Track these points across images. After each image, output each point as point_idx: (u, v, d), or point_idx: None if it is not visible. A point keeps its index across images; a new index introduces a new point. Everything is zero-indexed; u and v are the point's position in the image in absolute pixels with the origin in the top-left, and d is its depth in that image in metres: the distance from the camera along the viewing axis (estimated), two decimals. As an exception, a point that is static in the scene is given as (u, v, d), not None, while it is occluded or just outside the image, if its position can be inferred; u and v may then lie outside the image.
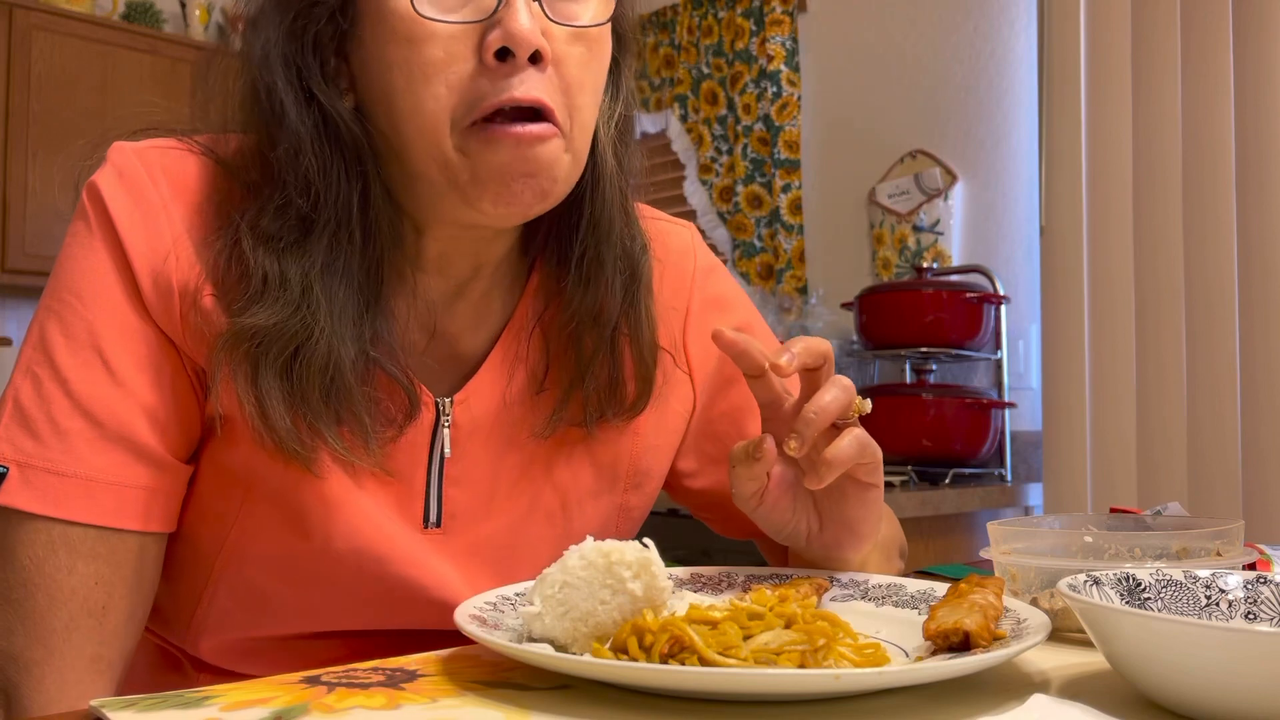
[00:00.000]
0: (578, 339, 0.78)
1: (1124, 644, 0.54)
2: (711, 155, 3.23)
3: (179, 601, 0.79)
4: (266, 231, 0.69)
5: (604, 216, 0.77)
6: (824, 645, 0.56)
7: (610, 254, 0.78)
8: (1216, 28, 2.20)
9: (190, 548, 0.77)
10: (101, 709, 0.54)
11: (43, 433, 0.68)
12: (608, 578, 0.60)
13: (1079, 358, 2.31)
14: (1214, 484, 2.16)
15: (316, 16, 0.69)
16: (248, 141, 0.72)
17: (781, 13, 3.05)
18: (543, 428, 0.79)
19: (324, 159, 0.69)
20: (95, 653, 0.69)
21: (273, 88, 0.69)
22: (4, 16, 3.24)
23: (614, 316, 0.78)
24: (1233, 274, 2.16)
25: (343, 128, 0.70)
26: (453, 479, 0.78)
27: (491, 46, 0.66)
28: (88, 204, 0.72)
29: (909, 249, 2.76)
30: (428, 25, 0.67)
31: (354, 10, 0.70)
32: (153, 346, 0.71)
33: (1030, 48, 2.58)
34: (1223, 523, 0.74)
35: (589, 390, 0.79)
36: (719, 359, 0.88)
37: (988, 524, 0.79)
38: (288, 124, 0.69)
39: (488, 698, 0.55)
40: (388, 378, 0.73)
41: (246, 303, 0.69)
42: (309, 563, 0.75)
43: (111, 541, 0.69)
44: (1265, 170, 2.15)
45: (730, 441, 0.85)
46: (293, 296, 0.68)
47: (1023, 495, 2.53)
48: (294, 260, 0.69)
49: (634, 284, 0.79)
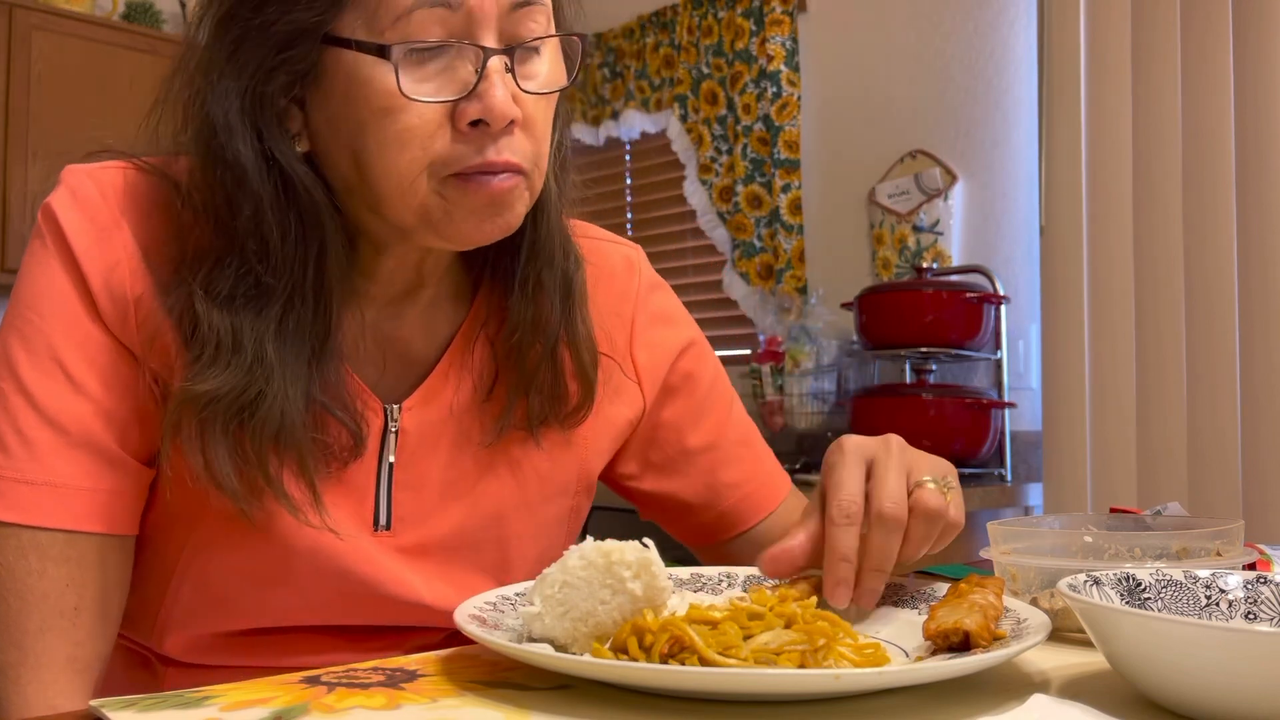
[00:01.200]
0: (521, 351, 0.81)
1: (1124, 644, 0.54)
2: (711, 155, 3.23)
3: (144, 601, 0.81)
4: (221, 293, 0.71)
5: (546, 239, 0.81)
6: (824, 645, 0.56)
7: (550, 274, 0.81)
8: (1216, 28, 2.20)
9: (153, 549, 0.79)
10: (101, 709, 0.54)
11: (9, 444, 0.71)
12: (608, 578, 0.60)
13: (1079, 358, 2.31)
14: (1214, 484, 2.16)
15: (277, 77, 0.70)
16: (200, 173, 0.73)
17: (781, 13, 3.05)
18: (489, 434, 0.82)
19: (284, 225, 0.71)
20: (70, 654, 0.71)
21: (228, 148, 0.70)
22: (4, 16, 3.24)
23: (555, 330, 0.81)
24: (1232, 274, 2.16)
25: (300, 190, 0.71)
26: (401, 483, 0.80)
27: (468, 117, 0.69)
28: (43, 225, 0.75)
29: (909, 249, 2.76)
30: (406, 99, 0.68)
31: (318, 67, 0.70)
32: (111, 355, 0.73)
33: (1030, 48, 2.58)
34: (1223, 523, 0.74)
35: (533, 398, 0.82)
36: (666, 368, 0.92)
37: (988, 524, 0.79)
38: (248, 188, 0.70)
39: (488, 698, 0.55)
40: (334, 419, 0.75)
41: (201, 364, 0.70)
42: (268, 562, 0.77)
43: (80, 545, 0.72)
44: (1265, 170, 2.15)
45: (671, 450, 0.92)
46: (244, 360, 0.70)
47: (1023, 495, 2.53)
48: (248, 323, 0.71)
49: (569, 298, 0.82)
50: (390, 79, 0.68)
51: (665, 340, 0.92)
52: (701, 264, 3.34)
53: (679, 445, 0.92)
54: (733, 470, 0.94)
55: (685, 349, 0.93)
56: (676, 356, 0.92)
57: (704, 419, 0.93)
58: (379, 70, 0.68)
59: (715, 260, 3.28)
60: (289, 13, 0.68)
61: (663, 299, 0.95)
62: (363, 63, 0.68)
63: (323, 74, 0.70)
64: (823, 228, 3.02)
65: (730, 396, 0.97)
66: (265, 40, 0.69)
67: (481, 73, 0.69)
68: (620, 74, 3.52)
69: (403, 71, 0.68)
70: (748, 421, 0.98)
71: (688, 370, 0.93)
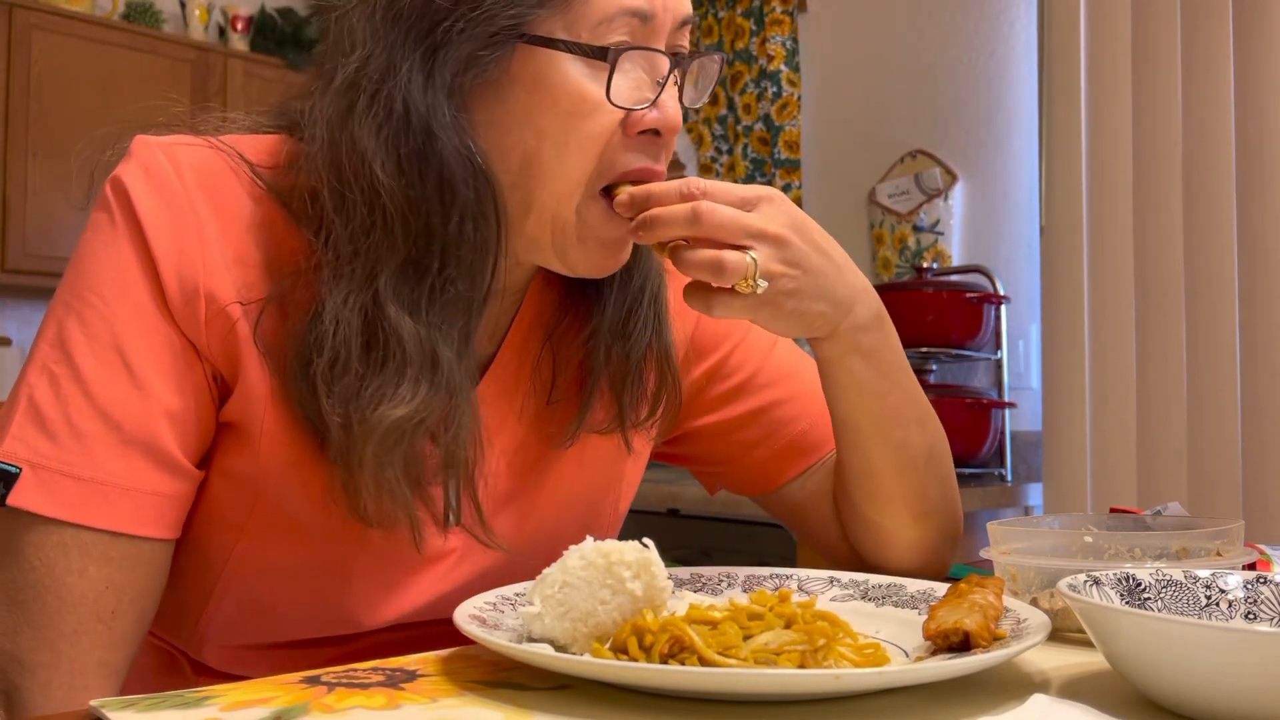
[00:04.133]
0: (603, 355, 0.80)
1: (1124, 644, 0.54)
2: (711, 155, 3.23)
3: (184, 607, 0.79)
4: (415, 304, 0.68)
5: (647, 253, 0.81)
6: (824, 645, 0.56)
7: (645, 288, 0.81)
8: (1216, 28, 2.20)
9: (199, 554, 0.76)
10: (101, 709, 0.54)
11: (59, 434, 0.66)
12: (608, 578, 0.60)
13: (1079, 358, 2.31)
14: (1214, 484, 2.16)
15: (474, 74, 0.69)
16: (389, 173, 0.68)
17: (781, 13, 3.05)
18: (558, 439, 0.81)
19: (484, 231, 0.70)
20: (103, 658, 0.68)
21: (444, 147, 0.68)
22: (4, 16, 3.24)
23: (645, 338, 0.81)
24: (1233, 273, 2.16)
25: (491, 195, 0.70)
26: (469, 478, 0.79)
27: (644, 125, 0.70)
28: (112, 199, 0.70)
29: (909, 249, 2.76)
30: (597, 103, 0.68)
31: (500, 68, 0.69)
32: (175, 350, 0.69)
33: (1030, 48, 2.58)
34: (1223, 523, 0.74)
35: (625, 402, 0.82)
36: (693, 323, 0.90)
37: (988, 524, 0.79)
38: (456, 191, 0.68)
39: (488, 698, 0.55)
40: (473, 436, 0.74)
41: (393, 385, 0.67)
42: (316, 571, 0.75)
43: (124, 547, 0.68)
44: (1265, 170, 2.15)
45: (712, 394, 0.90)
46: (443, 379, 0.68)
47: (1023, 495, 2.53)
48: (440, 337, 0.69)
49: (656, 304, 0.82)
50: (589, 82, 0.68)
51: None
52: (701, 264, 3.34)
53: (720, 388, 0.91)
54: (785, 406, 0.91)
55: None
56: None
57: (740, 357, 0.91)
58: (577, 72, 0.68)
59: (715, 260, 3.28)
60: (489, 9, 0.67)
61: None
62: (561, 64, 0.68)
63: (503, 75, 0.69)
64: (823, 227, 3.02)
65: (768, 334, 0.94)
66: (472, 37, 0.67)
67: (664, 83, 0.70)
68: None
69: (613, 75, 0.68)
70: (796, 354, 0.95)
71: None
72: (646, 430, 0.85)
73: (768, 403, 0.91)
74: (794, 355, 0.94)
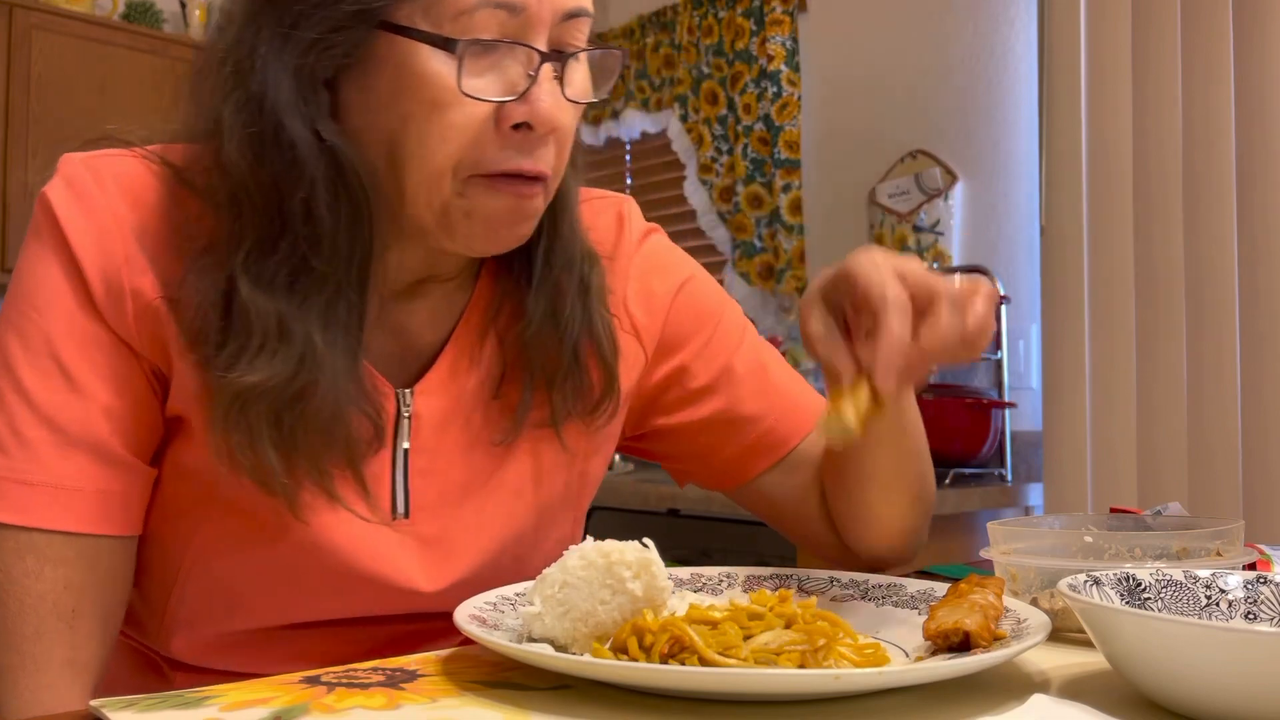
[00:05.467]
0: (539, 347, 0.80)
1: (1124, 644, 0.54)
2: (711, 155, 3.23)
3: (149, 602, 0.80)
4: (266, 279, 0.69)
5: (567, 243, 0.81)
6: (824, 645, 0.56)
7: (569, 277, 0.81)
8: (1216, 27, 2.19)
9: (158, 548, 0.78)
10: (101, 709, 0.54)
11: (8, 444, 0.70)
12: (608, 578, 0.60)
13: (1079, 358, 2.31)
14: (1214, 484, 2.16)
15: (329, 57, 0.69)
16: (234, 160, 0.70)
17: (781, 13, 3.05)
18: (505, 433, 0.81)
19: (335, 209, 0.70)
20: (68, 656, 0.70)
21: (286, 127, 0.69)
22: (4, 16, 3.24)
23: (576, 329, 0.81)
24: (1233, 273, 2.16)
25: (351, 174, 0.70)
26: (418, 470, 0.79)
27: (513, 119, 0.69)
28: (39, 216, 0.73)
29: (909, 249, 2.76)
30: (458, 94, 0.68)
31: (364, 51, 0.69)
32: (109, 351, 0.71)
33: (1030, 48, 2.57)
34: (1223, 523, 0.74)
35: (556, 396, 0.82)
36: (664, 316, 0.90)
37: (988, 524, 0.79)
38: (302, 169, 0.69)
39: (488, 698, 0.55)
40: (358, 409, 0.74)
41: (246, 355, 0.69)
42: (275, 558, 0.76)
43: (79, 545, 0.71)
44: (1265, 170, 2.15)
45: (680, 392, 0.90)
46: (294, 350, 0.69)
47: (1023, 495, 2.53)
48: (296, 311, 0.70)
49: (588, 297, 0.82)
50: (447, 72, 0.67)
51: (659, 288, 0.91)
52: (702, 264, 3.32)
53: (688, 386, 0.91)
54: (750, 403, 0.92)
55: (679, 290, 0.92)
56: (672, 300, 0.91)
57: (708, 354, 0.92)
58: (436, 62, 0.68)
59: (716, 260, 3.28)
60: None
61: (654, 245, 0.94)
62: (420, 53, 0.68)
63: (369, 59, 0.69)
64: (823, 228, 3.02)
65: (738, 326, 0.95)
66: (325, 19, 0.68)
67: (535, 77, 0.69)
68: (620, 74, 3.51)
69: (464, 67, 0.67)
70: (763, 347, 0.96)
71: (682, 311, 0.92)
72: (590, 426, 0.85)
73: (734, 400, 0.91)
74: (759, 349, 0.95)
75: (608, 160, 3.65)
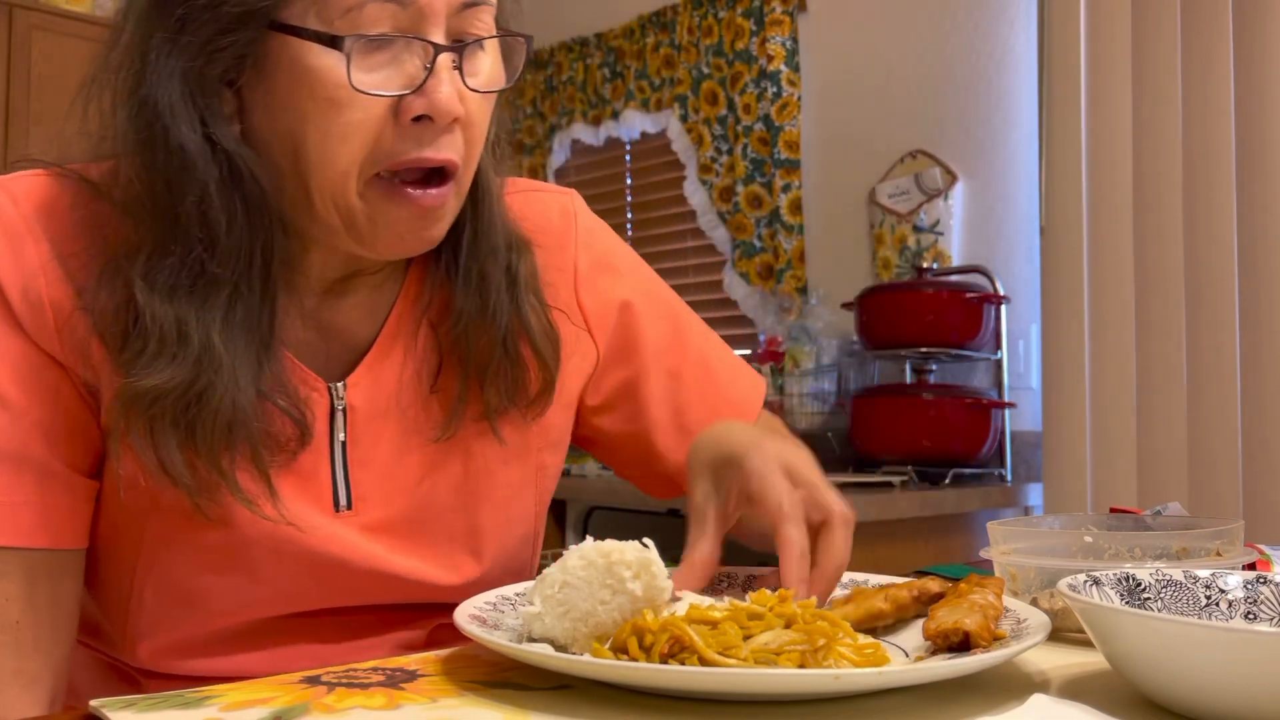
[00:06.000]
0: (469, 341, 0.81)
1: (1124, 644, 0.54)
2: (711, 155, 3.23)
3: (110, 613, 0.80)
4: (163, 284, 0.70)
5: (487, 231, 0.81)
6: (824, 645, 0.56)
7: (495, 266, 0.81)
8: (1216, 28, 2.20)
9: (111, 558, 0.78)
10: (102, 709, 0.54)
11: None
12: (608, 578, 0.60)
13: (1079, 358, 2.31)
14: (1214, 484, 2.16)
15: (220, 59, 0.69)
16: (128, 170, 0.71)
17: (781, 13, 3.05)
18: (441, 429, 0.81)
19: (230, 212, 0.70)
20: (15, 667, 0.70)
21: (172, 131, 0.69)
22: (4, 16, 3.24)
23: (504, 321, 0.81)
24: (1233, 273, 2.16)
25: (247, 177, 0.70)
26: (357, 461, 0.80)
27: (412, 112, 0.69)
28: None
29: (909, 249, 2.76)
30: (352, 91, 0.68)
31: (258, 51, 0.69)
32: (34, 365, 0.71)
33: (1030, 48, 2.57)
34: (1223, 523, 0.75)
35: (489, 390, 0.81)
36: (615, 316, 0.91)
37: (988, 524, 0.79)
38: (192, 173, 0.69)
39: (488, 698, 0.55)
40: (278, 409, 0.74)
41: (144, 359, 0.69)
42: (227, 552, 0.76)
43: (15, 560, 0.70)
44: (1265, 170, 2.15)
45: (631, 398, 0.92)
46: (191, 352, 0.69)
47: (1023, 495, 2.53)
48: (194, 314, 0.70)
49: (515, 287, 0.81)
50: (339, 70, 0.67)
51: (610, 288, 0.91)
52: (702, 264, 3.34)
53: (638, 393, 0.92)
54: (696, 409, 0.93)
55: (628, 289, 0.92)
56: (620, 297, 0.92)
57: (658, 358, 0.92)
58: (328, 60, 0.68)
59: (715, 260, 3.28)
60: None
61: (602, 241, 0.94)
62: (311, 51, 0.68)
63: (265, 59, 0.69)
64: (823, 228, 3.02)
65: (685, 327, 0.96)
66: (211, 21, 0.68)
67: (431, 68, 0.69)
68: (620, 74, 3.51)
69: (352, 63, 0.67)
70: (709, 343, 0.97)
71: (632, 309, 0.92)
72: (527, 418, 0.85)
73: (683, 404, 0.92)
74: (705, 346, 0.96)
75: (608, 160, 3.65)
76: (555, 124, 3.70)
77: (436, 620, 0.84)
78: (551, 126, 3.71)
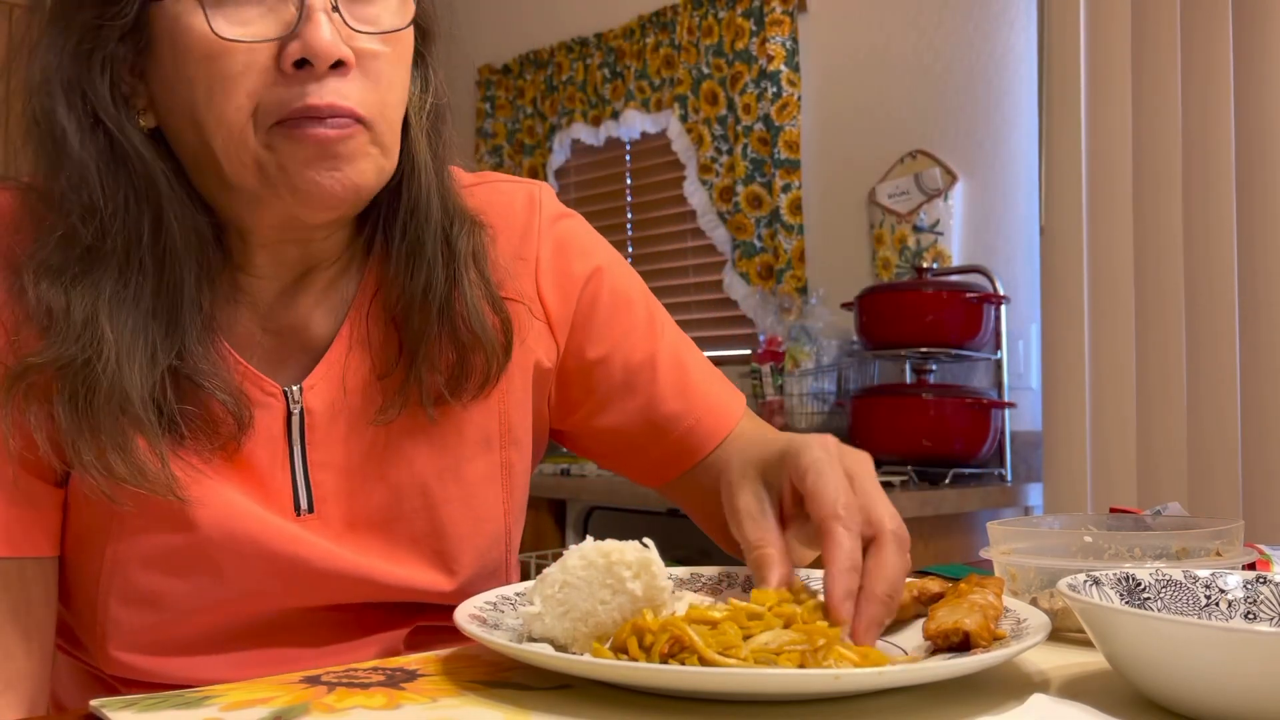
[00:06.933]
0: (407, 322, 0.79)
1: (1124, 644, 0.54)
2: (711, 155, 3.23)
3: (83, 621, 0.80)
4: (50, 264, 0.70)
5: (421, 204, 0.79)
6: (824, 645, 0.56)
7: (430, 237, 0.79)
8: (1216, 28, 2.20)
9: (76, 566, 0.78)
10: (102, 709, 0.54)
11: None
12: (608, 578, 0.60)
13: (1079, 358, 2.31)
14: (1214, 484, 2.16)
15: (104, 39, 0.69)
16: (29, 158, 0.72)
17: (781, 13, 3.05)
18: (386, 412, 0.80)
19: (110, 188, 0.70)
20: None
21: (52, 114, 0.69)
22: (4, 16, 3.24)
23: (439, 297, 0.79)
24: (1233, 274, 2.16)
25: (131, 153, 0.70)
26: (317, 464, 0.79)
27: (291, 57, 0.68)
28: None
29: (909, 249, 2.76)
30: (223, 43, 0.68)
31: (148, 31, 0.69)
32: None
33: (1030, 48, 2.58)
34: (1223, 523, 0.75)
35: (423, 374, 0.80)
36: (574, 301, 0.89)
37: (988, 524, 0.79)
38: (69, 152, 0.69)
39: (488, 698, 0.55)
40: (209, 395, 0.74)
41: (32, 337, 0.69)
42: (188, 553, 0.75)
43: None
44: (1265, 170, 2.15)
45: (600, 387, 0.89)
46: (75, 330, 0.69)
47: (1023, 495, 2.53)
48: (80, 293, 0.69)
49: (453, 263, 0.79)
50: (212, 23, 0.67)
51: (571, 272, 0.89)
52: (701, 264, 3.34)
53: (606, 381, 0.90)
54: (672, 401, 0.90)
55: (591, 276, 0.90)
56: (584, 286, 0.89)
57: (627, 347, 0.90)
58: (197, 16, 0.68)
59: (715, 260, 3.28)
60: None
61: (568, 229, 0.91)
62: (182, 11, 0.68)
63: (155, 37, 0.70)
64: (823, 228, 3.02)
65: (657, 320, 0.93)
66: (90, 3, 0.68)
67: (302, 11, 0.68)
68: (620, 74, 3.51)
69: (218, 13, 0.67)
70: (684, 344, 0.94)
71: (597, 298, 0.89)
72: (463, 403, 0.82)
73: (655, 398, 0.90)
74: (679, 345, 0.94)
75: (608, 160, 3.65)
76: (555, 124, 3.70)
77: (415, 621, 0.84)
78: (551, 126, 3.71)
